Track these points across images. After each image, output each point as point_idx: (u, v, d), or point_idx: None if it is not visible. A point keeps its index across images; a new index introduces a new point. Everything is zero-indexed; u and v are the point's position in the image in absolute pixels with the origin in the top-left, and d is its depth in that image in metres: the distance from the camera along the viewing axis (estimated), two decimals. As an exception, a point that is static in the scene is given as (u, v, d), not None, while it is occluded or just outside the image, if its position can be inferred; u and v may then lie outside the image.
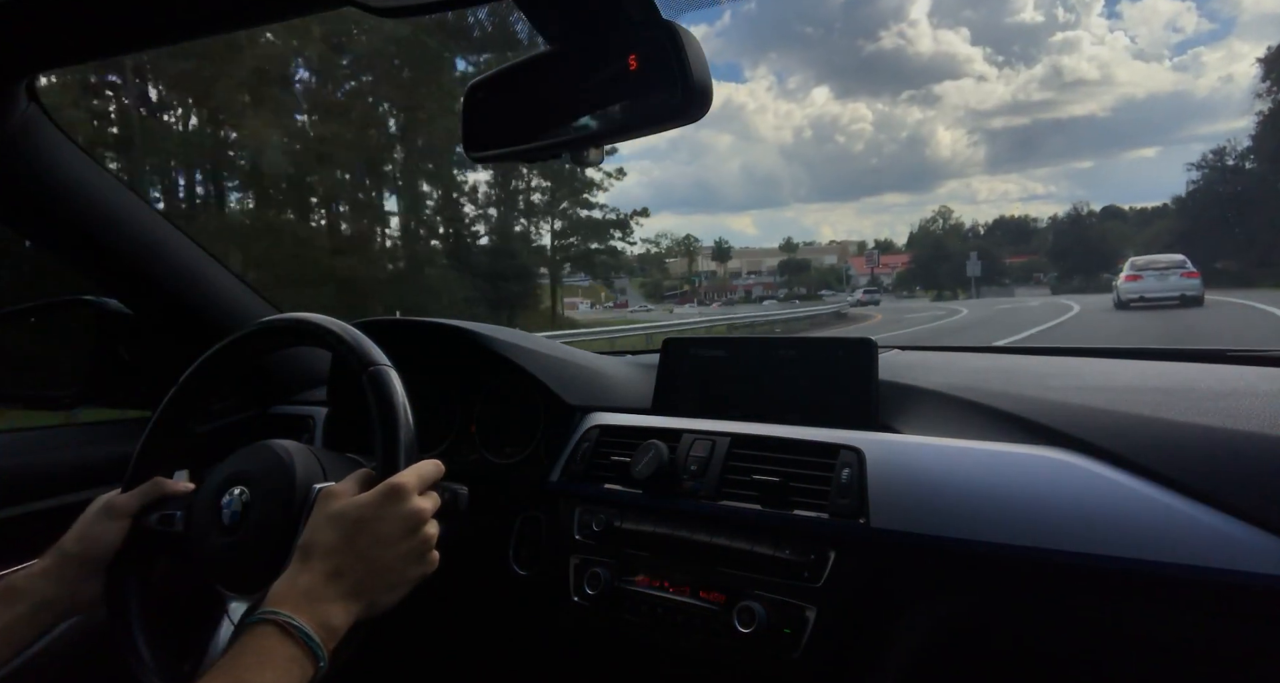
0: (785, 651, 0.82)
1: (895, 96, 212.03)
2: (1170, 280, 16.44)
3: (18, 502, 1.07)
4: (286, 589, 0.63)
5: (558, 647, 1.11)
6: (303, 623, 0.60)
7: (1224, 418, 0.75)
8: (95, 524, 0.78)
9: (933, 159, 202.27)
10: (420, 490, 0.70)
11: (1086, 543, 0.69)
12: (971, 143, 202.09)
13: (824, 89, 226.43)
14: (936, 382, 0.97)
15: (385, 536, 0.66)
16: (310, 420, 1.27)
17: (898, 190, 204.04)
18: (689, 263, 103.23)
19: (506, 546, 1.08)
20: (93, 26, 0.78)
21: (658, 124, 0.63)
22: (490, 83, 0.72)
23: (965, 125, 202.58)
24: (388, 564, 0.66)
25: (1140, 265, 17.69)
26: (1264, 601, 0.63)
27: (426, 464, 0.72)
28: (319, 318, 0.82)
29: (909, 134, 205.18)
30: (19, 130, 0.97)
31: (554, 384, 1.13)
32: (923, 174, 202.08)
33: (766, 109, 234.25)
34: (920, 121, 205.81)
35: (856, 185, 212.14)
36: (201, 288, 1.25)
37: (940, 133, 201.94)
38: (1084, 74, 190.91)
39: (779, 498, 0.87)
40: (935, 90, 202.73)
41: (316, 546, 0.65)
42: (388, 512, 0.67)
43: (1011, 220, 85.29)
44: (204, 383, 0.87)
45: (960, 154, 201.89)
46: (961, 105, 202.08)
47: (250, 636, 0.59)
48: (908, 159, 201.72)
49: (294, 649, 0.59)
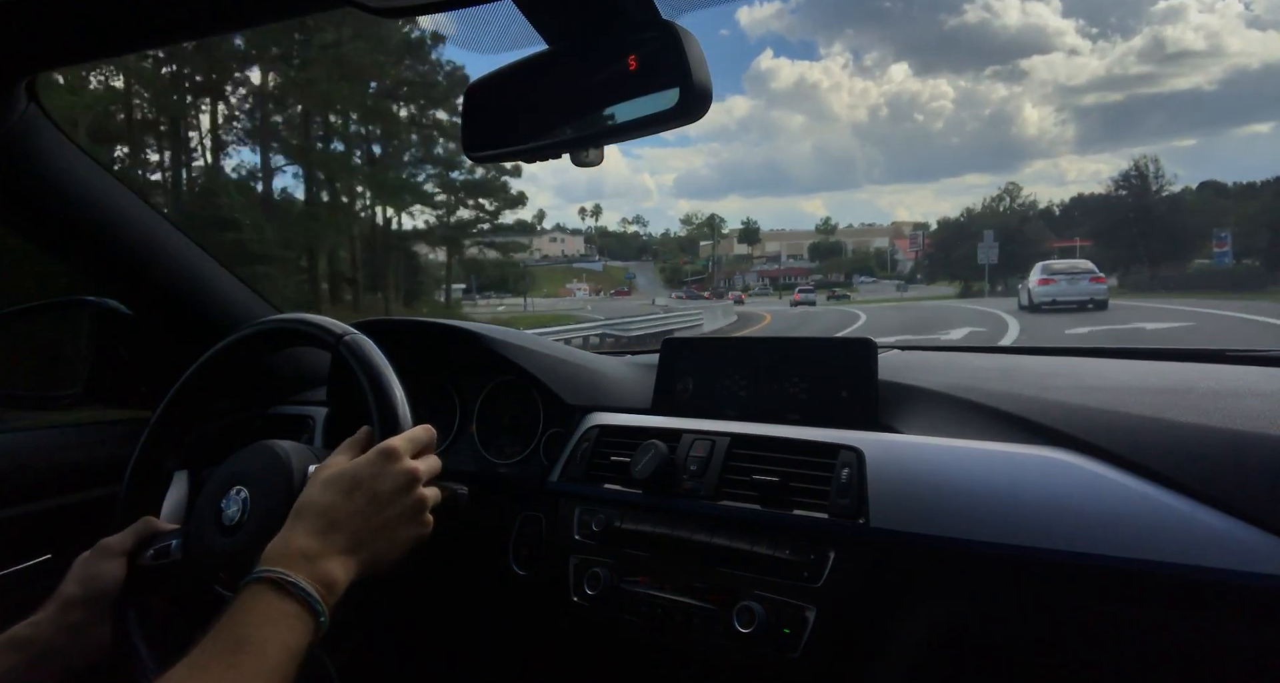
0: (785, 651, 0.82)
1: (979, 72, 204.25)
2: (1080, 285, 16.83)
3: (18, 502, 1.07)
4: (280, 548, 0.63)
5: (558, 647, 1.11)
6: (298, 578, 0.60)
7: (1224, 418, 0.75)
8: (92, 565, 0.76)
9: (1018, 137, 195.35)
10: (413, 454, 0.71)
11: (1086, 543, 0.69)
12: (1060, 121, 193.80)
13: (902, 66, 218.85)
14: (936, 382, 0.97)
15: (379, 494, 0.67)
16: (310, 420, 1.27)
17: (979, 171, 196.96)
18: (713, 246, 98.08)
19: (506, 546, 1.08)
20: (93, 26, 0.78)
21: (657, 124, 0.63)
22: (490, 83, 0.72)
23: (1054, 102, 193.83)
24: (383, 522, 0.67)
25: (1053, 270, 18.03)
26: (1264, 600, 0.63)
27: (418, 430, 0.74)
28: (319, 318, 0.83)
29: (993, 112, 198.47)
30: (19, 130, 0.97)
31: (554, 384, 1.13)
32: (1006, 153, 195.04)
33: (841, 87, 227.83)
34: (1005, 98, 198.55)
35: (935, 166, 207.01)
36: (201, 288, 1.25)
37: (1027, 110, 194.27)
38: (1189, 45, 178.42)
39: (779, 498, 0.87)
40: (1022, 65, 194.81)
41: (310, 505, 0.66)
42: (381, 471, 0.68)
43: (1092, 198, 66.30)
44: (204, 383, 0.87)
45: (1048, 132, 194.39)
46: (1050, 81, 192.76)
47: (245, 595, 0.59)
48: (991, 138, 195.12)
49: (291, 605, 0.59)
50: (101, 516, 0.85)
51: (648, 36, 0.62)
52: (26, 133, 0.99)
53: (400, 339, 1.21)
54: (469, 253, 31.55)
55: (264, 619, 0.58)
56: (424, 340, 1.24)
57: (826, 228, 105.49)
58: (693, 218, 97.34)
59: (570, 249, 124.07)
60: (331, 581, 0.62)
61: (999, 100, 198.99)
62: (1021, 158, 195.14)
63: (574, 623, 1.00)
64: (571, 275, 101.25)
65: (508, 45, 0.68)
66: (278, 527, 0.71)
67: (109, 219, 1.12)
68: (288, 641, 0.58)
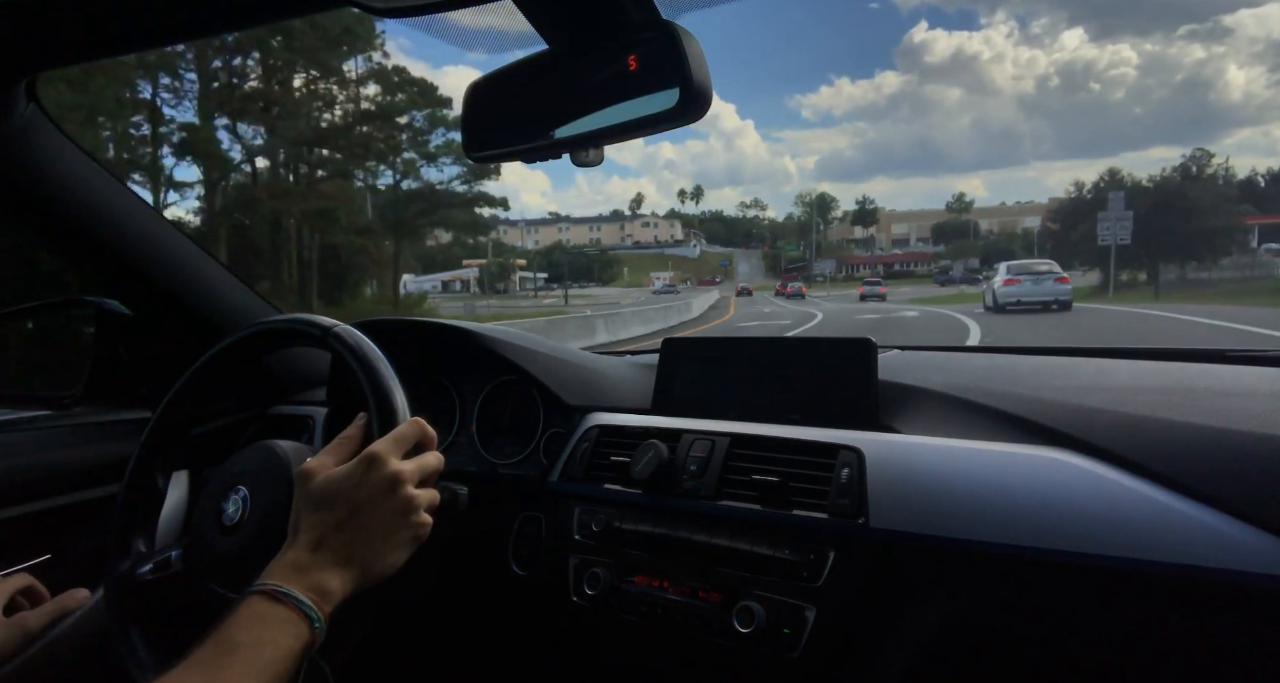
0: (784, 650, 0.82)
1: (1169, 34, 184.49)
2: (1045, 285, 16.40)
3: (18, 502, 1.07)
4: (275, 565, 0.64)
5: (557, 647, 1.11)
6: (289, 588, 0.60)
7: (1223, 418, 0.75)
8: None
9: (1217, 104, 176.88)
10: (402, 454, 0.70)
11: (1086, 543, 0.69)
12: (1273, 83, 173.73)
13: (1076, 31, 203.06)
14: (936, 381, 0.97)
15: (364, 502, 0.66)
16: (310, 420, 1.27)
17: (1168, 143, 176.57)
18: (814, 230, 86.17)
19: (506, 546, 1.08)
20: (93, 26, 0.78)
21: (657, 124, 0.63)
22: (490, 83, 0.72)
23: (1266, 61, 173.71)
24: (372, 529, 0.66)
25: (1016, 269, 17.52)
26: (1264, 600, 0.63)
27: (404, 427, 0.72)
28: (308, 316, 0.83)
29: (1185, 77, 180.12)
30: (19, 131, 0.97)
31: (554, 384, 1.13)
32: (1202, 123, 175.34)
33: (1004, 57, 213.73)
34: (1202, 61, 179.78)
35: (1115, 139, 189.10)
36: (201, 288, 1.25)
37: (1230, 72, 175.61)
38: None
39: (778, 498, 0.87)
40: (1225, 22, 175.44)
41: (299, 523, 0.67)
42: (361, 479, 0.67)
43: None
44: (204, 384, 0.87)
45: (1256, 96, 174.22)
46: (1261, 37, 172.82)
47: (240, 606, 0.60)
48: (1183, 106, 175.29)
49: (285, 612, 0.59)
50: (101, 516, 0.86)
51: (647, 36, 0.62)
52: (27, 133, 0.99)
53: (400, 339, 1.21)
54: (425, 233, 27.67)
55: (256, 624, 0.58)
56: (424, 340, 1.24)
57: (960, 205, 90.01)
58: (804, 198, 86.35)
59: (665, 235, 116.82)
60: (326, 590, 0.62)
61: (1194, 64, 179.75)
62: (1222, 127, 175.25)
63: (574, 623, 1.00)
64: (663, 263, 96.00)
65: (508, 45, 0.68)
66: (278, 526, 0.71)
67: (109, 219, 1.12)
68: (281, 643, 0.58)
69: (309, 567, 0.63)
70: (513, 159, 0.73)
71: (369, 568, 0.66)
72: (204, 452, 1.19)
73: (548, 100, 0.70)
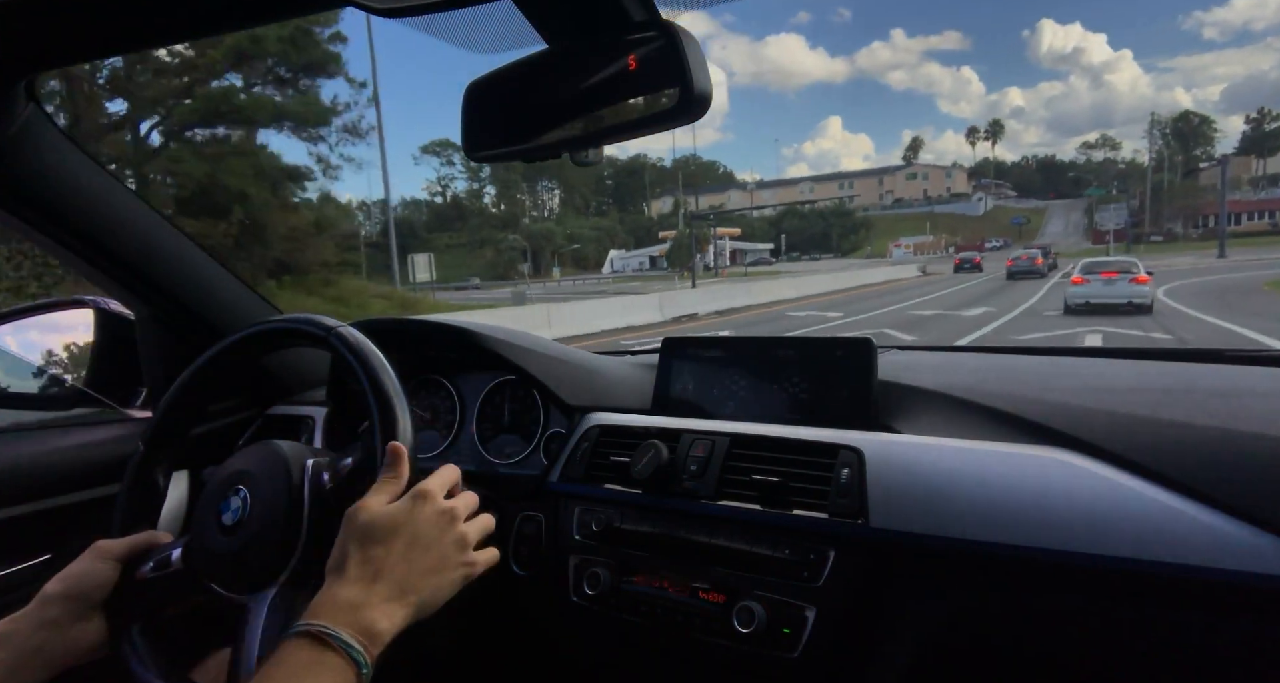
0: (784, 650, 0.82)
1: None
2: (1118, 286, 15.81)
3: (18, 502, 1.07)
4: (324, 602, 0.62)
5: (557, 647, 1.11)
6: (339, 630, 0.59)
7: (1224, 418, 0.75)
8: (80, 564, 0.74)
9: None
10: (445, 493, 0.72)
11: (1086, 543, 0.69)
12: None
13: None
14: (936, 382, 0.97)
15: (420, 536, 0.67)
16: (310, 421, 1.27)
17: None
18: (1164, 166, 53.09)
19: (506, 545, 1.08)
20: (93, 26, 0.78)
21: (657, 124, 0.63)
22: (490, 83, 0.72)
23: None
24: (428, 565, 0.67)
25: (1087, 267, 16.79)
26: (1264, 600, 0.63)
27: (445, 469, 0.75)
28: (311, 316, 0.83)
29: None
30: (19, 131, 0.97)
31: (554, 384, 1.13)
32: None
33: None
34: None
35: None
36: (201, 289, 1.25)
37: None
38: None
39: (778, 498, 0.87)
40: None
41: (350, 557, 0.65)
42: (418, 513, 0.68)
43: None
44: (203, 384, 0.87)
45: None
46: None
47: (285, 648, 0.59)
48: None
49: (332, 657, 0.58)
50: (101, 516, 0.85)
51: (647, 36, 0.62)
52: (27, 134, 0.99)
53: (399, 339, 1.21)
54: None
55: (301, 672, 0.57)
56: (424, 340, 1.24)
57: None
58: (1159, 123, 52.40)
59: (943, 188, 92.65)
60: (375, 631, 0.61)
61: None
62: None
63: (573, 623, 1.00)
64: (921, 225, 72.31)
65: (507, 45, 0.68)
66: (278, 526, 0.71)
67: (109, 220, 1.12)
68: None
69: (362, 603, 0.62)
70: (513, 159, 0.73)
71: (423, 601, 0.66)
72: (204, 452, 1.19)
73: (547, 100, 0.69)
